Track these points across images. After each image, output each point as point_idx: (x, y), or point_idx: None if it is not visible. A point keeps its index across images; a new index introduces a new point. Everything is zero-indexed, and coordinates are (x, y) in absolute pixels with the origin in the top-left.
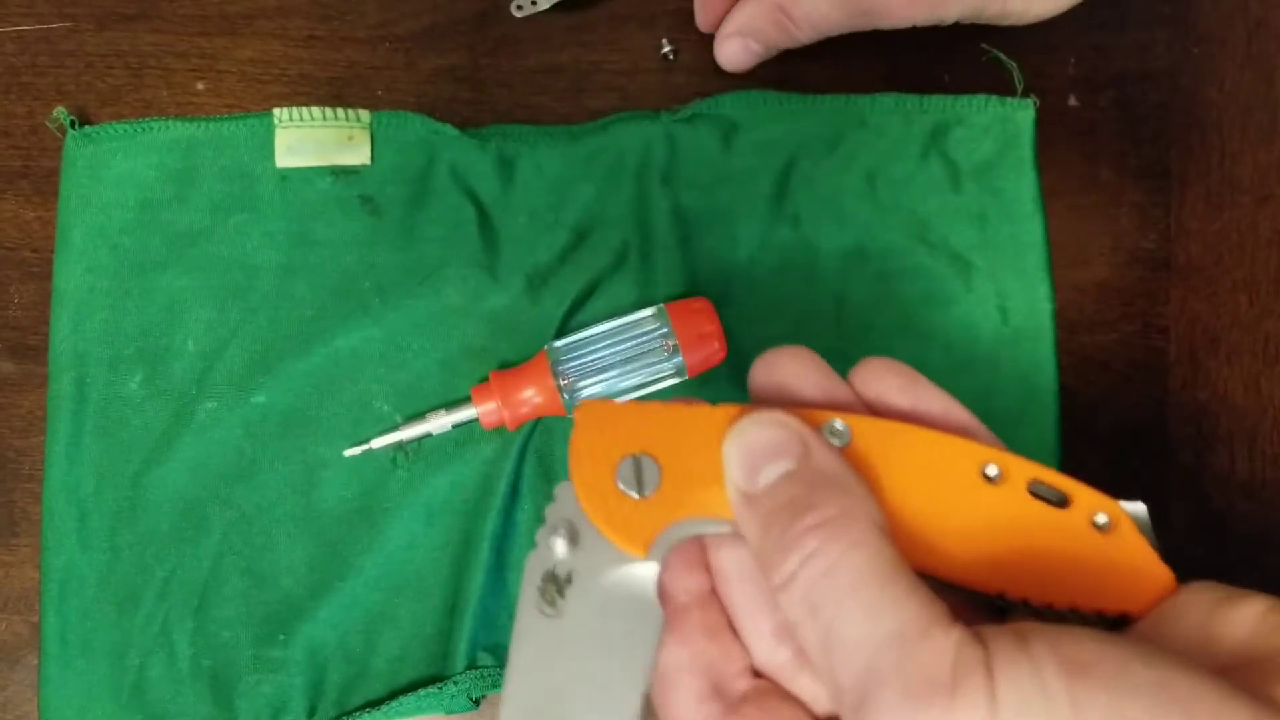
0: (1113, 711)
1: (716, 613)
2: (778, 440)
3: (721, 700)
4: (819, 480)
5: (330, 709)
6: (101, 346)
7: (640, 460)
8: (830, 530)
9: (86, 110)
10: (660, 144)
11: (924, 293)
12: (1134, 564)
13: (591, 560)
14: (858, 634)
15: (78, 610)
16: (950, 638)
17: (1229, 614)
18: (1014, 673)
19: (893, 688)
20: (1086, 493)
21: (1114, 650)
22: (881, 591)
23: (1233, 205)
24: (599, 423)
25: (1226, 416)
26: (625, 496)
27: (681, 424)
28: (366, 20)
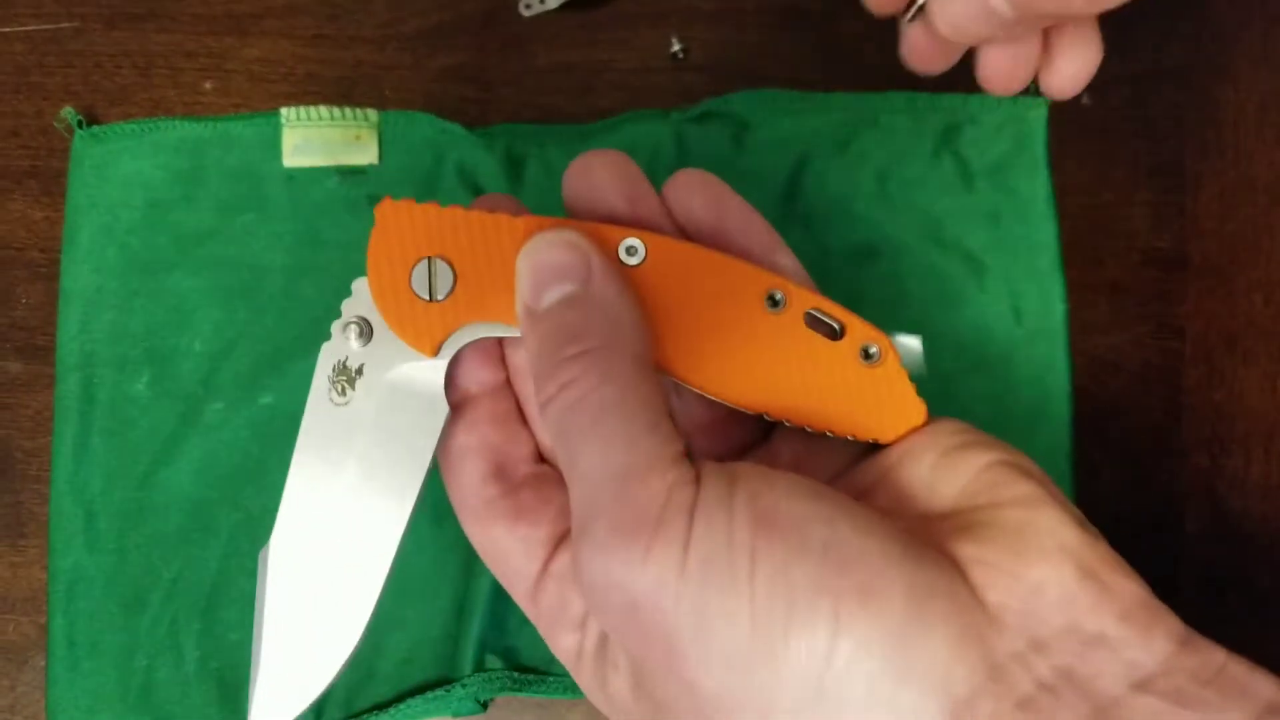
0: (782, 566)
1: (507, 404)
2: (565, 262)
3: (503, 482)
4: (593, 308)
5: (336, 711)
6: (109, 347)
7: (435, 264)
8: (588, 361)
9: (94, 110)
10: (670, 143)
11: (936, 293)
12: (891, 396)
13: (382, 355)
14: (588, 466)
15: (85, 612)
16: (666, 479)
17: (957, 460)
18: (710, 521)
19: (604, 520)
20: (861, 325)
21: (804, 507)
22: (619, 427)
23: (1248, 204)
24: (399, 223)
25: (1242, 418)
26: (418, 298)
27: (481, 232)
28: (374, 19)
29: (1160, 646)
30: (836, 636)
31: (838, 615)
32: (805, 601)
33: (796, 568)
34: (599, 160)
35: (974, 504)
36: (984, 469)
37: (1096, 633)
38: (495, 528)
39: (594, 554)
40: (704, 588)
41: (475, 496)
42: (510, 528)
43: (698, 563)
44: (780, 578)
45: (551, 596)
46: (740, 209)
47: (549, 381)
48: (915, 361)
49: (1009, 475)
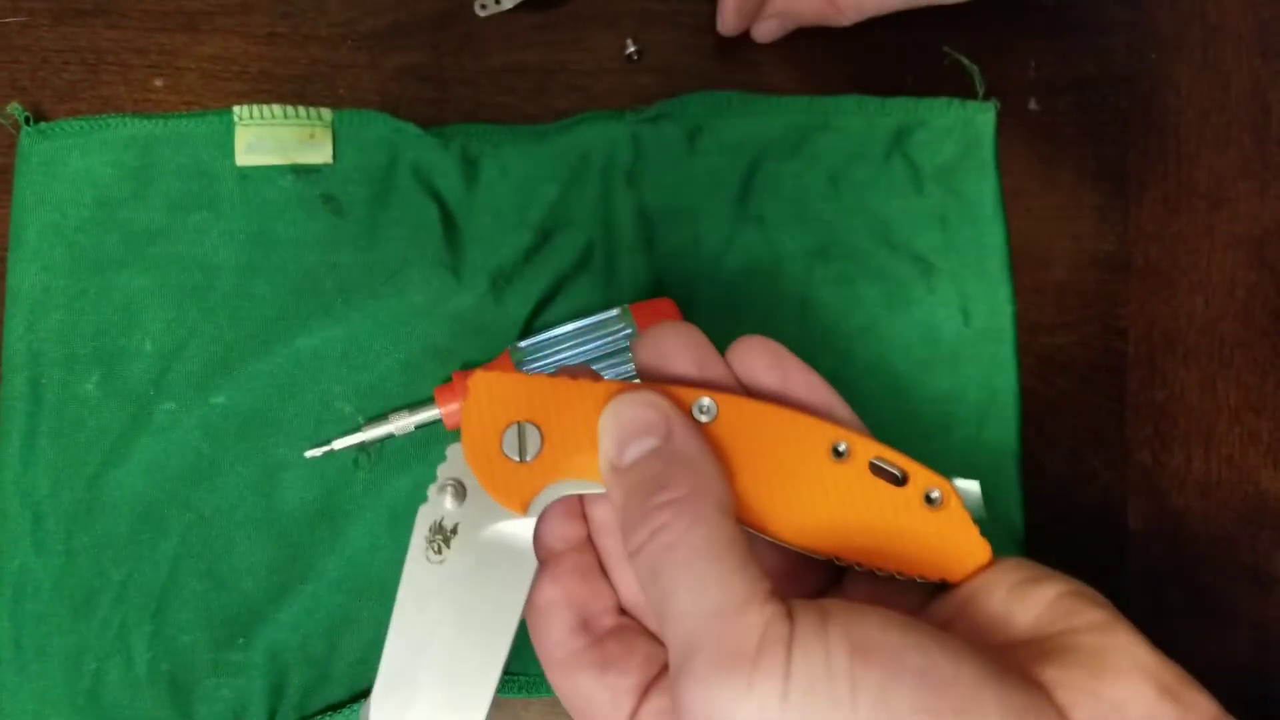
0: (882, 690)
1: (589, 558)
2: (646, 419)
3: (589, 633)
4: (676, 460)
5: (291, 713)
6: (57, 346)
7: (524, 428)
8: (677, 509)
9: (42, 106)
10: (625, 144)
11: (886, 294)
12: (956, 537)
13: (475, 514)
14: (684, 605)
15: (33, 614)
16: (763, 615)
17: (1028, 593)
18: (808, 651)
19: (705, 655)
20: (923, 472)
21: (896, 636)
22: (711, 567)
23: (1189, 209)
24: (490, 391)
25: (1183, 417)
26: (508, 460)
27: (565, 397)
28: (329, 18)
29: None
30: None
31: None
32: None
33: (894, 691)
34: (669, 331)
35: (1049, 632)
36: (1055, 600)
37: None
38: (582, 677)
39: (696, 688)
40: (806, 715)
41: (562, 648)
42: (598, 677)
43: (799, 692)
44: (880, 702)
45: None
46: (800, 369)
47: (639, 529)
48: (975, 504)
49: (1080, 604)
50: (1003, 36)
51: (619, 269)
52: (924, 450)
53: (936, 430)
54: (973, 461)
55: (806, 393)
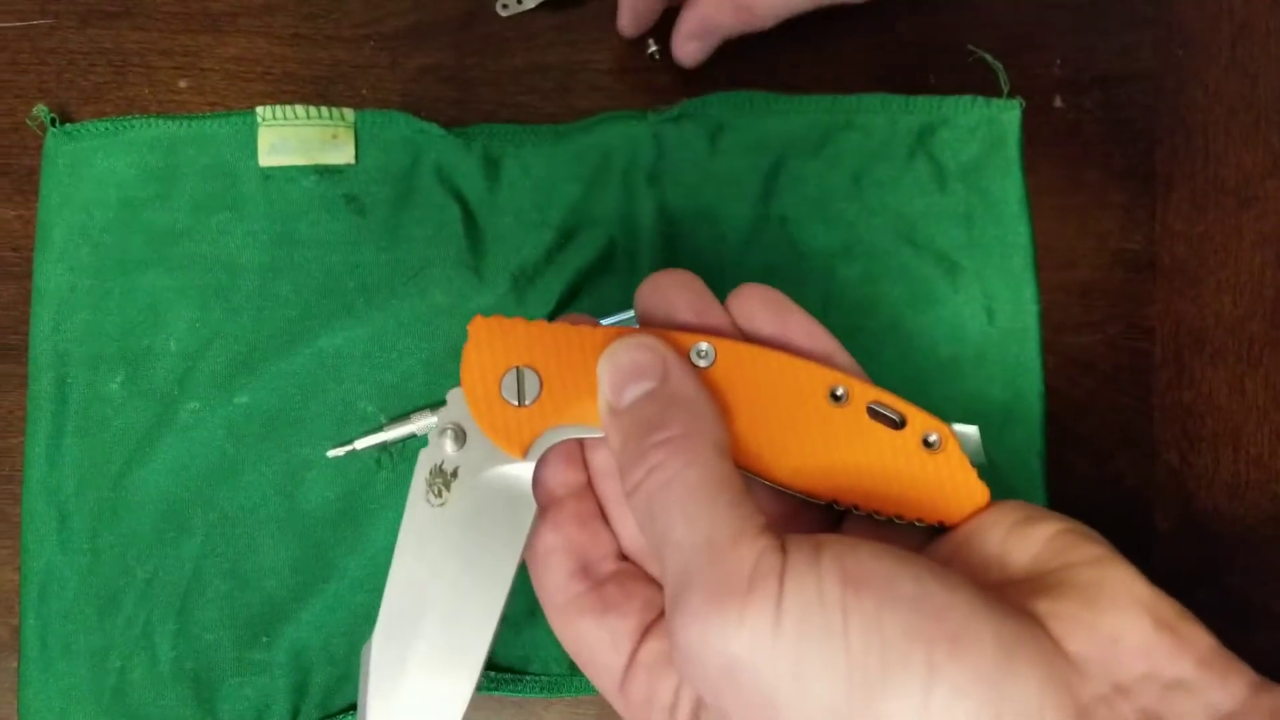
0: (875, 619)
1: (589, 504)
2: (643, 363)
3: (589, 578)
4: (672, 401)
5: (314, 711)
6: (82, 346)
7: (523, 372)
8: (672, 447)
9: (68, 108)
10: (647, 144)
11: (910, 293)
12: (954, 480)
13: (475, 458)
14: (679, 539)
15: (58, 612)
16: (755, 547)
17: (1025, 532)
18: (800, 582)
19: (698, 588)
20: (921, 415)
21: (889, 566)
22: (706, 504)
23: (1217, 207)
24: (489, 337)
25: (1211, 417)
26: (507, 404)
27: (564, 342)
28: (351, 19)
29: (1237, 690)
30: (932, 682)
31: (932, 662)
32: (899, 651)
33: (888, 619)
34: (668, 278)
35: (1046, 568)
36: (1052, 537)
37: (1176, 678)
38: (582, 621)
39: (690, 620)
40: (799, 645)
41: (562, 593)
42: (598, 620)
43: (791, 621)
44: (873, 630)
45: (640, 685)
46: (801, 316)
47: (636, 468)
48: (974, 448)
49: (1076, 540)
50: (1027, 34)
51: (641, 269)
52: None
53: None
54: (997, 461)
55: (807, 340)
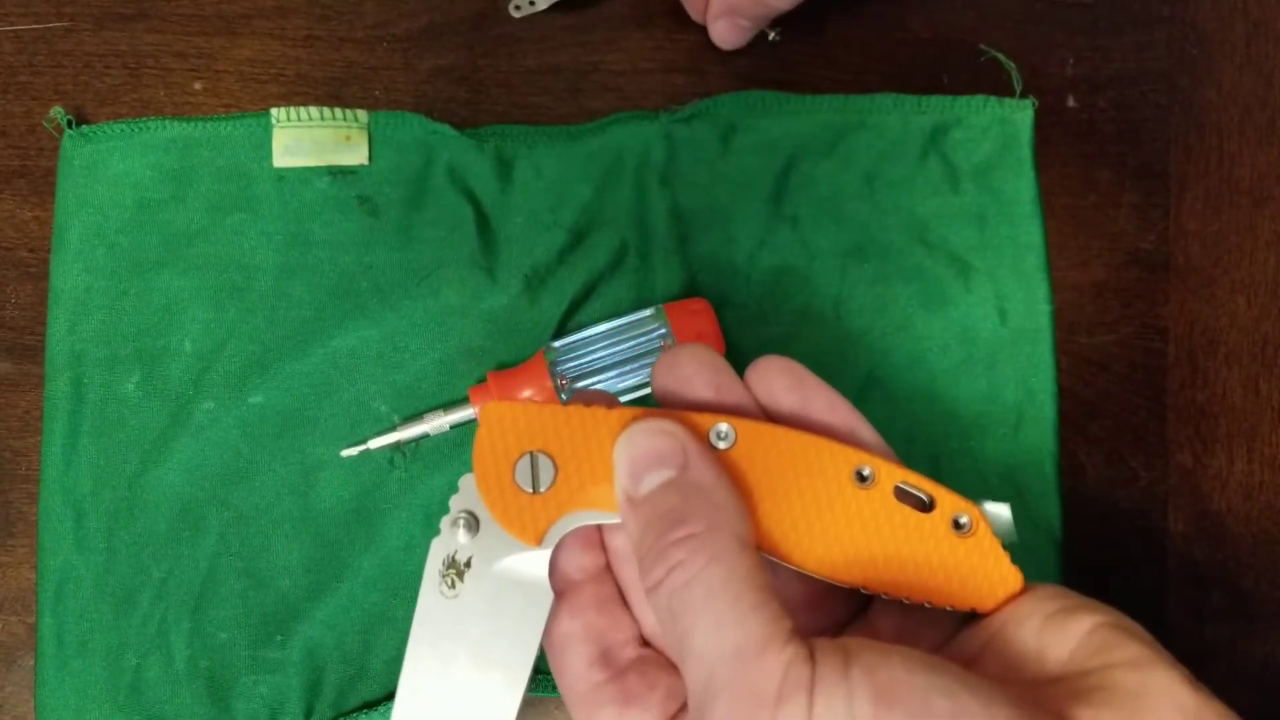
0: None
1: (608, 588)
2: (661, 449)
3: (609, 666)
4: (693, 492)
5: (327, 710)
6: (98, 347)
7: (537, 458)
8: (694, 545)
9: (84, 110)
10: (659, 144)
11: (923, 294)
12: (986, 565)
13: (489, 547)
14: (703, 646)
15: (74, 611)
16: (782, 658)
17: (1063, 625)
18: (829, 697)
19: (725, 700)
20: (950, 496)
21: (923, 680)
22: (730, 607)
23: (1231, 207)
24: (501, 422)
25: (1225, 418)
26: (521, 492)
27: (578, 425)
28: (365, 20)
29: None
30: None
31: None
32: None
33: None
34: (685, 354)
35: (1085, 668)
36: (1091, 632)
37: None
38: (603, 713)
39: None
40: None
41: (582, 682)
42: (619, 713)
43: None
44: None
45: None
46: (821, 389)
47: (656, 566)
48: (1005, 529)
49: (1117, 637)
50: (1040, 33)
51: (653, 269)
52: (960, 450)
53: (973, 431)
54: (1010, 462)
55: (828, 414)
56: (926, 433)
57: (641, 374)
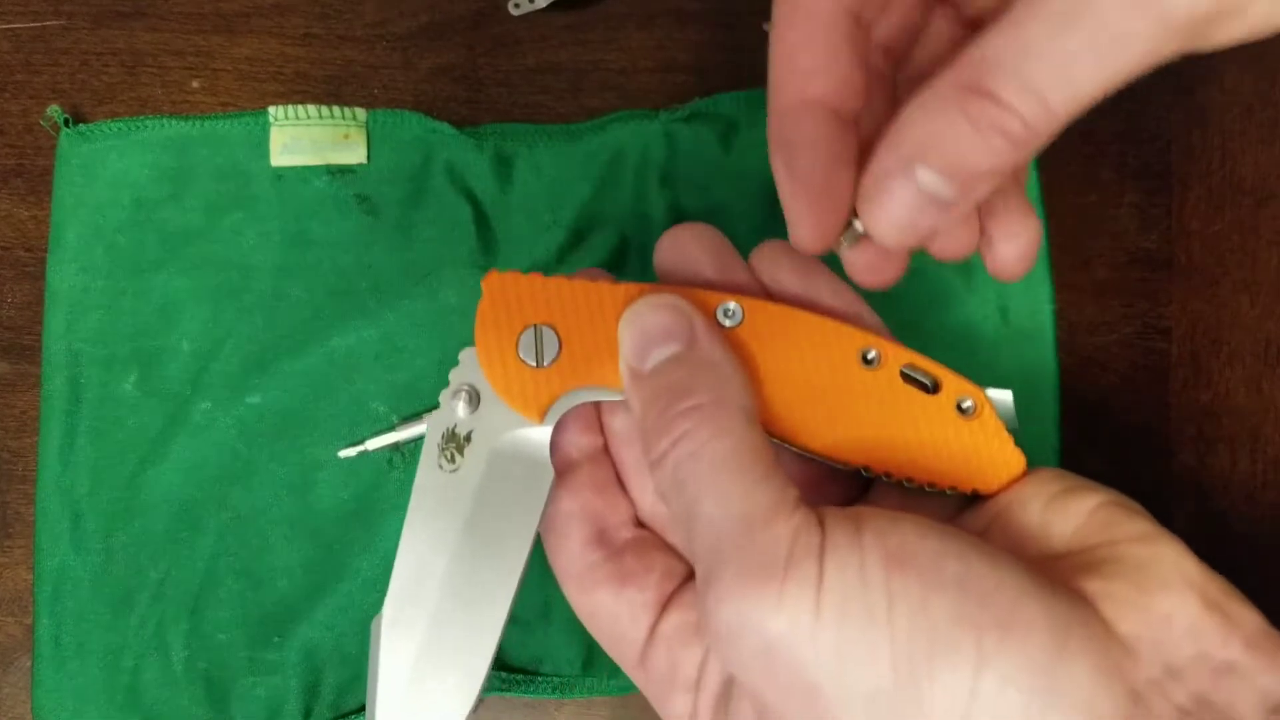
0: (921, 602)
1: (605, 470)
2: (668, 324)
3: (605, 547)
4: (700, 366)
5: (326, 711)
6: (96, 346)
7: (541, 331)
8: (700, 416)
9: (81, 108)
10: (659, 143)
11: (924, 293)
12: (990, 447)
13: (490, 422)
14: (711, 514)
15: (71, 612)
16: (790, 524)
17: (1066, 504)
18: (841, 561)
19: (733, 567)
20: (955, 379)
21: (934, 545)
22: (737, 477)
23: (1234, 206)
24: (505, 292)
25: (1228, 418)
26: (524, 365)
27: (584, 300)
28: (364, 19)
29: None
30: (981, 669)
31: (981, 649)
32: (947, 636)
33: (935, 602)
34: (688, 232)
35: (1090, 543)
36: (1094, 510)
37: (1226, 661)
38: (600, 592)
39: (724, 600)
40: (841, 628)
41: (579, 562)
42: (616, 592)
43: (832, 603)
44: (919, 613)
45: (661, 660)
46: (826, 274)
47: (661, 438)
48: (1008, 414)
49: (1121, 514)
50: None
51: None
52: None
53: None
54: None
55: (833, 299)
56: None
57: None
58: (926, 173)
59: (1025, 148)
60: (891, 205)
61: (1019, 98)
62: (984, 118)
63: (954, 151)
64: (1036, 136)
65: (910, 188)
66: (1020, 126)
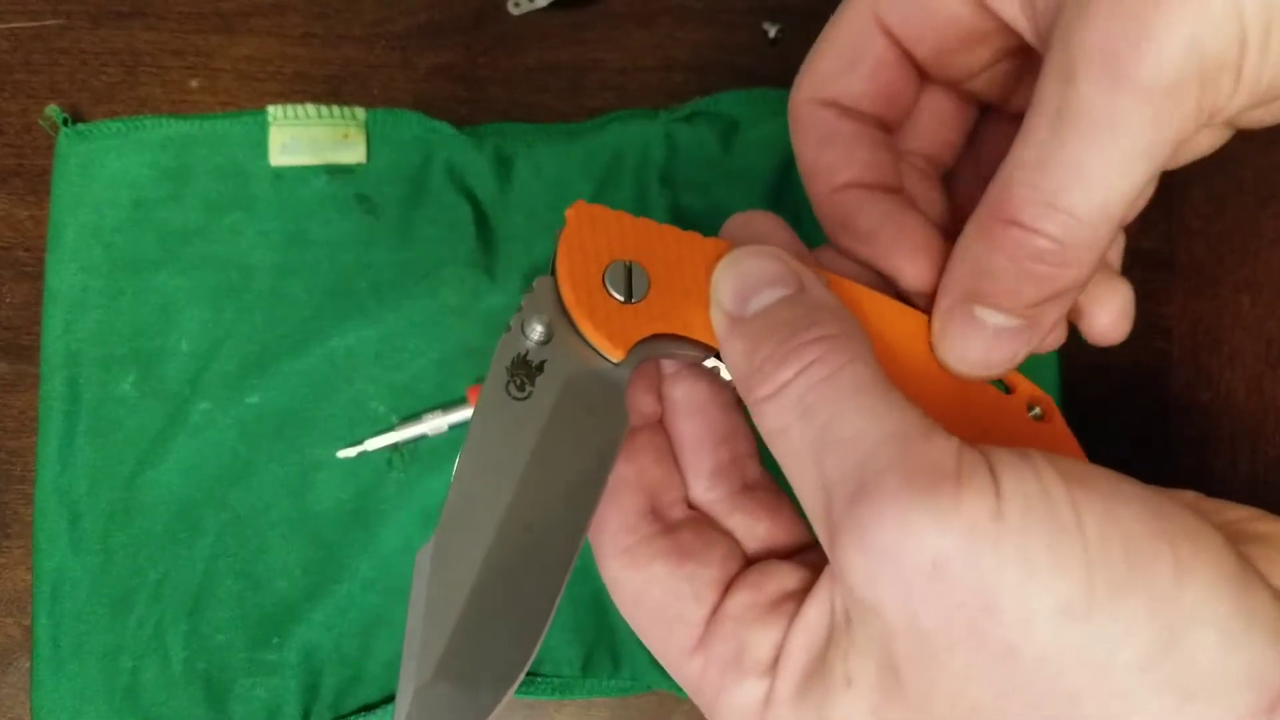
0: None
1: (663, 439)
2: (773, 271)
3: (659, 521)
4: (817, 306)
5: (325, 712)
6: (94, 346)
7: (631, 266)
8: (833, 344)
9: (80, 108)
10: (659, 143)
11: None
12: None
13: (566, 354)
14: (857, 430)
15: (70, 613)
16: (952, 441)
17: None
18: (1018, 473)
19: (896, 474)
20: (1026, 383)
21: (1104, 471)
22: (883, 399)
23: (1235, 205)
24: (594, 223)
25: (1229, 418)
26: (611, 298)
27: (675, 243)
28: (363, 18)
29: None
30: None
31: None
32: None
33: (1124, 514)
34: (761, 217)
35: None
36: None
37: None
38: (655, 566)
39: (887, 513)
40: (1025, 538)
41: (631, 533)
42: (676, 566)
43: (1016, 512)
44: (1111, 524)
45: (727, 641)
46: None
47: (779, 368)
48: None
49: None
50: None
51: None
52: None
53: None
54: None
55: None
56: None
57: None
58: (987, 312)
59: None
60: (967, 345)
61: (1045, 218)
62: (1019, 250)
63: (1005, 288)
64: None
65: (978, 327)
66: (1054, 247)
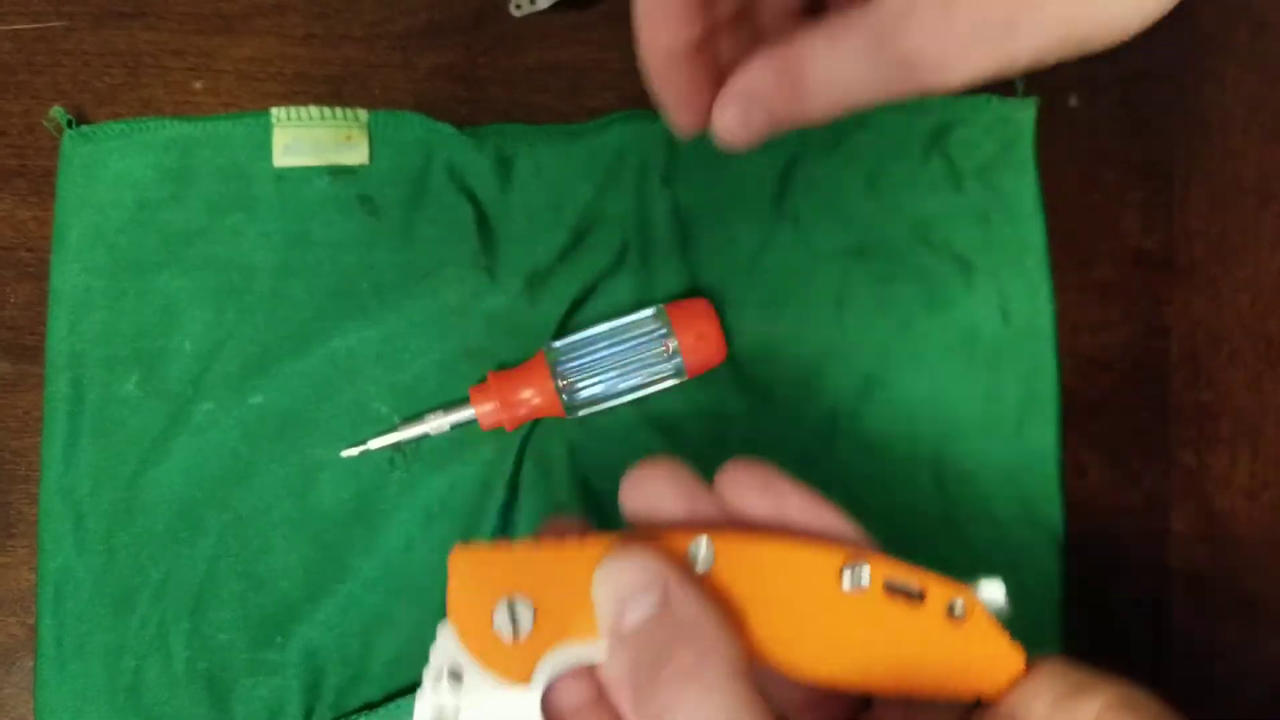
0: None
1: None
2: (639, 583)
3: None
4: (678, 626)
5: (327, 712)
6: (98, 347)
7: (514, 604)
8: (683, 682)
9: (83, 109)
10: (660, 143)
11: (925, 293)
12: (986, 650)
13: (477, 693)
14: None
15: (73, 612)
16: None
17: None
18: None
19: None
20: (940, 584)
21: None
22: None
23: (1235, 206)
24: (473, 568)
25: (1229, 418)
26: (501, 640)
27: (553, 564)
28: (364, 18)
29: None
30: None
31: None
32: None
33: None
34: (650, 472)
35: None
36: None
37: None
38: None
39: None
40: None
41: None
42: None
43: None
44: None
45: None
46: (794, 490)
47: (649, 703)
48: (999, 607)
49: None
50: None
51: (654, 269)
52: (962, 451)
53: (975, 431)
54: (1012, 463)
55: (803, 516)
56: (928, 433)
57: (642, 374)
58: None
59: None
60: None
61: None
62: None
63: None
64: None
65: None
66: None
